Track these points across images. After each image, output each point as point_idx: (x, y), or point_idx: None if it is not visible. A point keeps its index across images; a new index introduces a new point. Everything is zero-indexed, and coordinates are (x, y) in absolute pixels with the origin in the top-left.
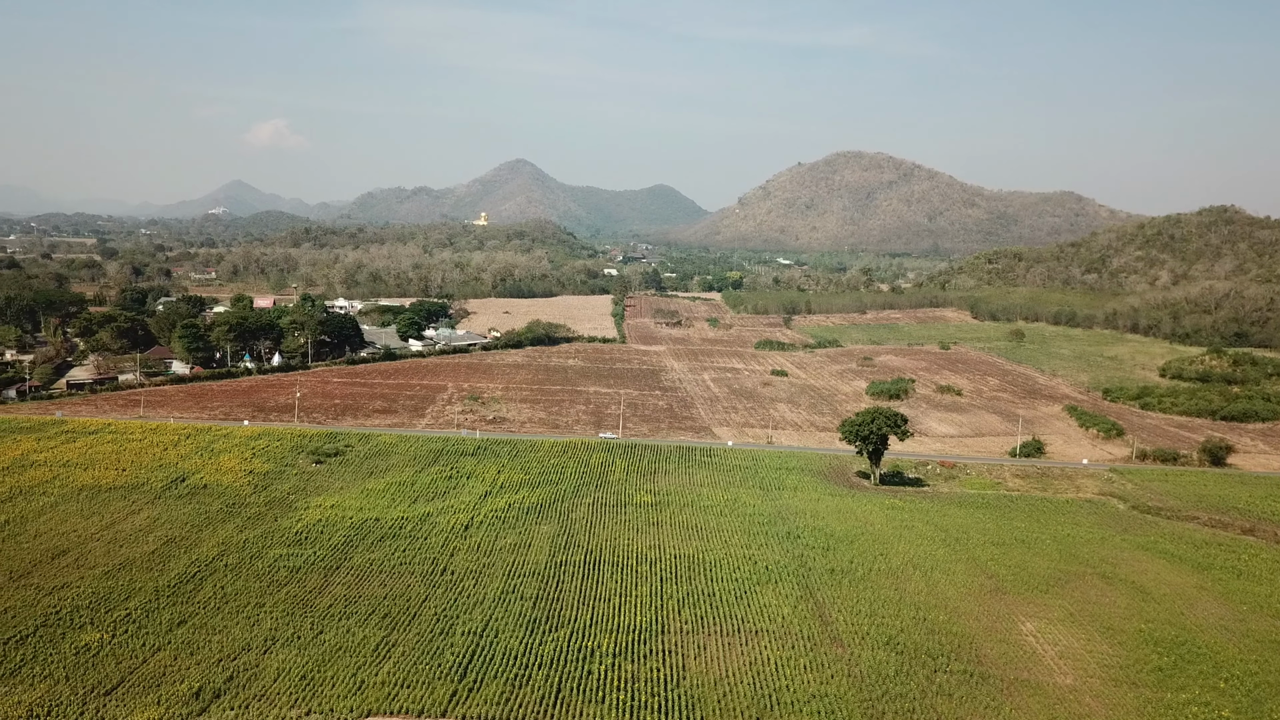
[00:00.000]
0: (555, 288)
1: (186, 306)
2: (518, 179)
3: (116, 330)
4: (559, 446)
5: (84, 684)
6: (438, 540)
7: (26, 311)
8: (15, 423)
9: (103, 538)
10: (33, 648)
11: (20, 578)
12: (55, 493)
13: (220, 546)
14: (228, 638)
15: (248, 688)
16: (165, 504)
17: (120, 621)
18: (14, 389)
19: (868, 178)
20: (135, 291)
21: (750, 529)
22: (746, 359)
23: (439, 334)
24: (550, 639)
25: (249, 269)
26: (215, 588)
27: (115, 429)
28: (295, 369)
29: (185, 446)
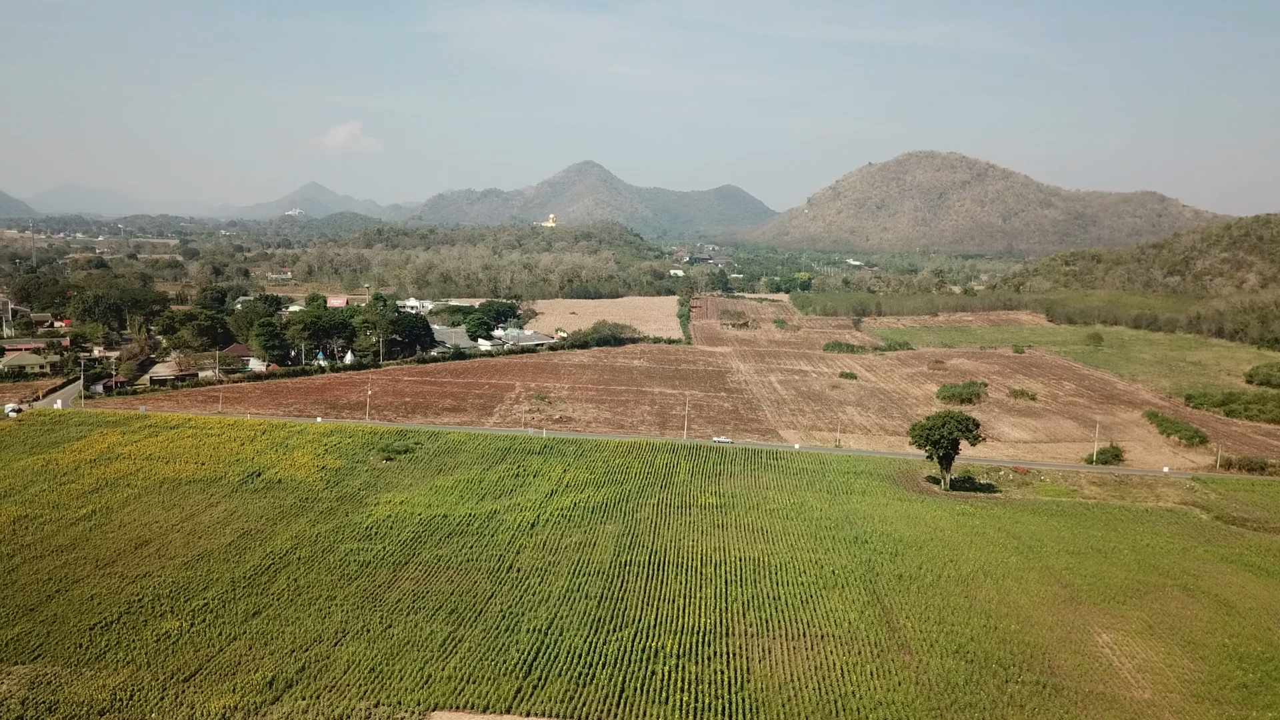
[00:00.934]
0: (621, 289)
1: (263, 305)
2: (586, 181)
3: (197, 328)
4: (624, 447)
5: (164, 670)
6: (504, 537)
7: (113, 309)
8: (102, 417)
9: (182, 529)
10: (116, 634)
11: (106, 566)
12: (139, 485)
13: (293, 540)
14: (300, 629)
15: (319, 678)
16: (242, 498)
17: (198, 611)
18: (101, 384)
19: (940, 178)
20: (215, 291)
21: (817, 533)
22: (814, 361)
23: (507, 334)
24: (614, 638)
25: (323, 269)
26: (289, 580)
27: (195, 424)
28: (367, 367)
29: (261, 442)
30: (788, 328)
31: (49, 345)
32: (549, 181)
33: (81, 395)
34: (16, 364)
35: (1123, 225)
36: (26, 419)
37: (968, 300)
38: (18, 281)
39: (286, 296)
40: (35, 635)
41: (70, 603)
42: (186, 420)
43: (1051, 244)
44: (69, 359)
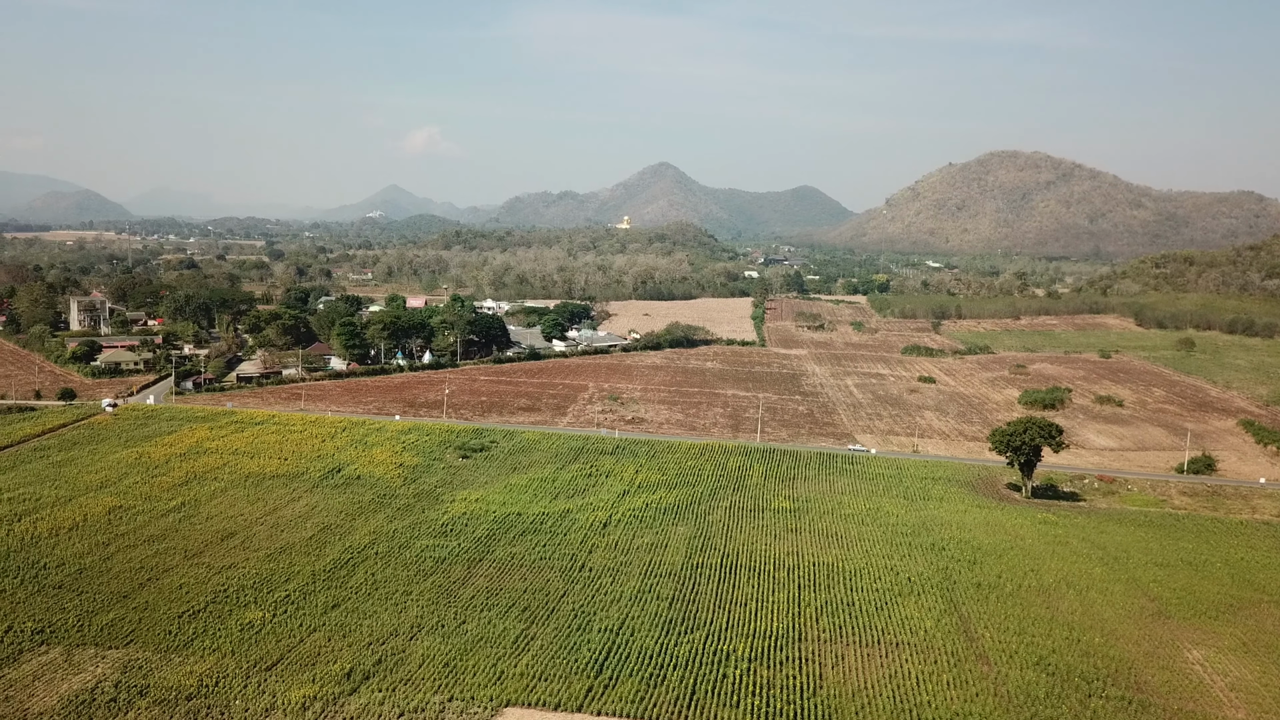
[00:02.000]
0: (695, 290)
1: (345, 305)
2: (660, 182)
3: (281, 327)
4: (696, 448)
5: (247, 659)
6: (577, 537)
7: (203, 309)
8: (191, 412)
9: (266, 522)
10: (203, 622)
11: (193, 556)
12: (225, 479)
13: (372, 535)
14: (377, 623)
15: (394, 671)
16: (322, 493)
17: (280, 602)
18: (191, 381)
19: (1023, 178)
20: (299, 291)
21: (892, 539)
22: (892, 364)
23: (581, 335)
24: (685, 640)
25: (403, 270)
26: (366, 574)
27: (279, 420)
28: (444, 367)
29: (341, 439)
30: (865, 330)
31: (143, 343)
32: (624, 183)
33: (172, 391)
34: (113, 361)
35: (1217, 226)
36: (122, 413)
37: (1052, 303)
38: (114, 281)
39: (367, 297)
40: (128, 621)
41: (160, 591)
42: (271, 417)
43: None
44: (161, 356)
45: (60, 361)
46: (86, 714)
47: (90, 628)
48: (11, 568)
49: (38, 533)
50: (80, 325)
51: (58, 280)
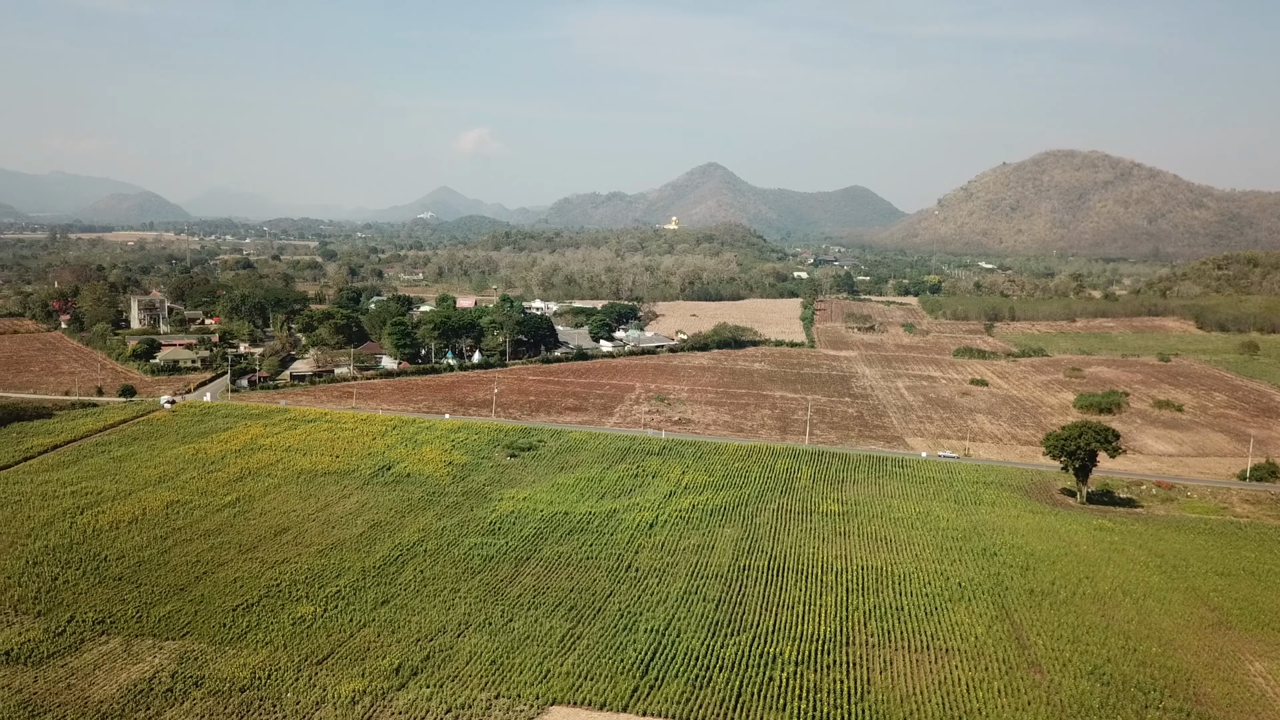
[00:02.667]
0: (743, 291)
1: (396, 305)
2: (709, 183)
3: (334, 326)
4: (743, 450)
5: (299, 652)
6: (623, 537)
7: (258, 308)
8: (246, 410)
9: (318, 519)
10: (256, 616)
11: (247, 551)
12: (278, 475)
13: (421, 533)
14: (425, 619)
15: (442, 667)
16: (373, 490)
17: (331, 597)
18: (246, 379)
19: (1080, 177)
20: (351, 290)
21: (943, 543)
22: (944, 367)
23: (628, 335)
24: (732, 642)
25: (453, 271)
26: (415, 571)
27: (331, 418)
28: (494, 366)
29: (391, 437)
30: (916, 332)
31: (200, 341)
32: (672, 184)
33: (228, 389)
34: (171, 359)
35: None
36: (179, 410)
37: (1108, 305)
38: (173, 281)
39: (418, 297)
40: (184, 613)
41: (215, 584)
42: (323, 414)
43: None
44: (217, 354)
45: (121, 359)
46: (144, 703)
47: (148, 619)
48: (74, 559)
49: (99, 526)
50: (140, 324)
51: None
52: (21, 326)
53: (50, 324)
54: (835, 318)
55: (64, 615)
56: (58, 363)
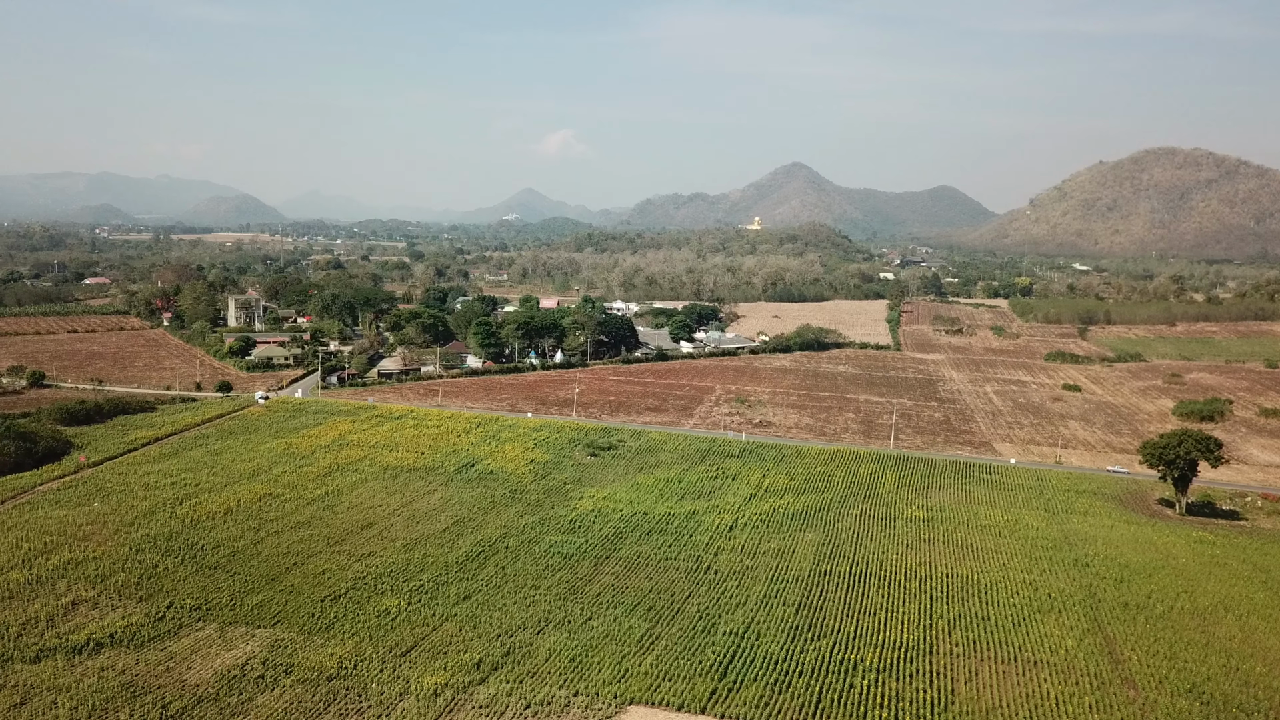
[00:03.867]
0: (827, 292)
1: (481, 305)
2: (793, 183)
3: (420, 326)
4: (826, 454)
5: (384, 644)
6: (702, 539)
7: (348, 307)
8: (336, 406)
9: (403, 514)
10: (343, 607)
11: (335, 544)
12: (365, 470)
13: (502, 529)
14: (506, 615)
15: (522, 664)
16: (456, 486)
17: (415, 591)
18: (336, 376)
19: (1181, 176)
20: (437, 291)
21: (1032, 553)
22: (1034, 371)
23: (709, 336)
24: (812, 647)
25: (536, 271)
26: (497, 567)
27: (416, 415)
28: (575, 366)
29: (475, 434)
30: (1006, 335)
31: (292, 339)
32: (755, 184)
33: (319, 386)
34: (265, 356)
35: None
36: (272, 406)
37: (1211, 309)
38: (268, 281)
39: (502, 297)
40: (275, 603)
41: (305, 576)
42: (409, 412)
43: None
44: (309, 352)
45: (218, 355)
46: (237, 688)
47: (242, 607)
48: (174, 548)
49: (196, 516)
50: (237, 321)
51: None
52: (127, 324)
53: (153, 321)
54: (922, 320)
55: (164, 601)
56: (160, 359)
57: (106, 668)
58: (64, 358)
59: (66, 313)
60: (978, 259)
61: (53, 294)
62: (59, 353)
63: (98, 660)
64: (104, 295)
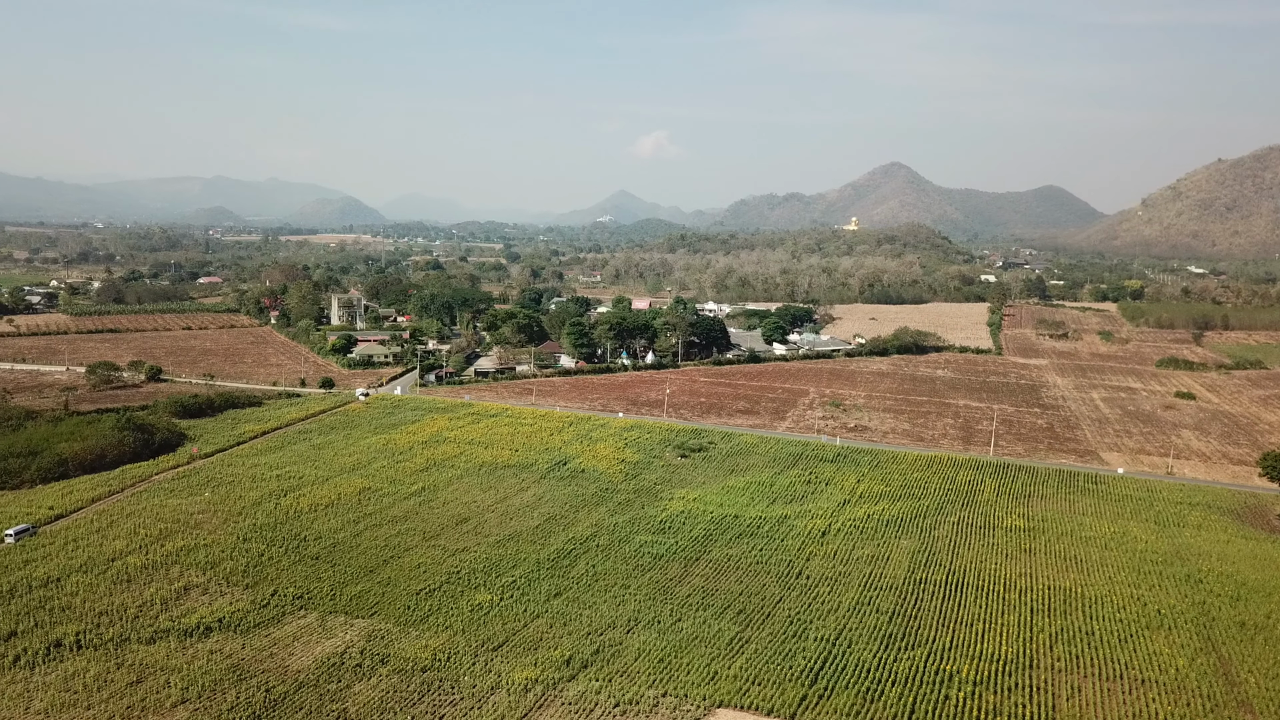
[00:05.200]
0: (926, 294)
1: (574, 306)
2: (891, 183)
3: (516, 326)
4: (923, 460)
5: (476, 638)
6: (794, 543)
7: (446, 307)
8: (434, 403)
9: (496, 510)
10: (438, 600)
11: (431, 538)
12: (461, 466)
13: (593, 528)
14: (596, 613)
15: (611, 662)
16: (549, 484)
17: (507, 586)
18: (434, 374)
19: None
20: (532, 291)
21: (1140, 567)
22: (1145, 378)
23: (803, 338)
24: (906, 656)
25: (629, 273)
26: (587, 565)
27: (511, 414)
28: (666, 367)
29: (568, 433)
30: (1114, 340)
31: (392, 337)
32: (852, 184)
33: (417, 383)
34: (366, 354)
35: None
36: (373, 402)
37: None
38: (369, 281)
39: (595, 298)
40: (373, 594)
41: (401, 568)
42: (504, 410)
43: None
44: (408, 350)
45: (321, 353)
46: (336, 675)
47: (341, 597)
48: (278, 538)
49: (299, 508)
50: (339, 320)
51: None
52: (237, 321)
53: (262, 319)
54: (1025, 324)
55: (268, 589)
56: (267, 355)
57: (215, 651)
58: (179, 353)
59: (182, 310)
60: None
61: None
62: (174, 348)
63: (207, 643)
64: (216, 294)
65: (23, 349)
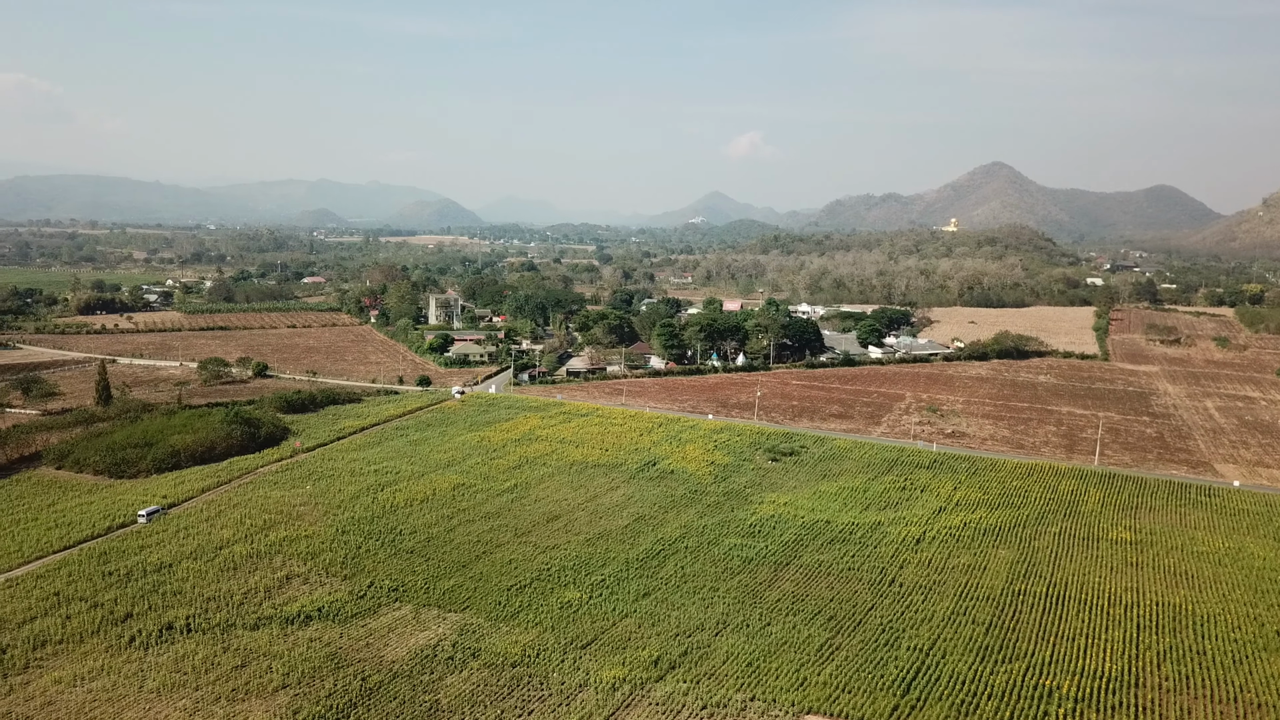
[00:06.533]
0: (1028, 297)
1: (665, 308)
2: (993, 183)
3: (607, 327)
4: (1023, 468)
5: (565, 635)
6: (887, 550)
7: (539, 308)
8: (526, 402)
9: (586, 509)
10: (528, 597)
11: (522, 535)
12: (552, 464)
13: (682, 529)
14: (684, 615)
15: (699, 664)
16: (638, 484)
17: (596, 585)
18: (527, 373)
19: None
20: (624, 293)
21: (1258, 584)
22: (1265, 387)
23: (899, 342)
24: (1003, 670)
25: (720, 274)
26: (676, 567)
27: (601, 414)
28: (757, 369)
29: (657, 434)
30: (1231, 347)
31: (487, 337)
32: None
33: (511, 382)
34: (462, 353)
35: None
36: (467, 400)
37: None
38: (466, 281)
39: (686, 299)
40: (465, 589)
41: (493, 564)
42: (594, 409)
43: None
44: (502, 350)
45: (419, 351)
46: (429, 667)
47: (435, 591)
48: (375, 531)
49: (396, 502)
50: (436, 319)
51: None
52: (339, 320)
53: (362, 318)
54: (1133, 329)
55: (365, 581)
56: (366, 353)
57: (314, 639)
58: (284, 350)
59: (287, 309)
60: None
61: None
62: (280, 345)
63: (307, 631)
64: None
65: (140, 345)
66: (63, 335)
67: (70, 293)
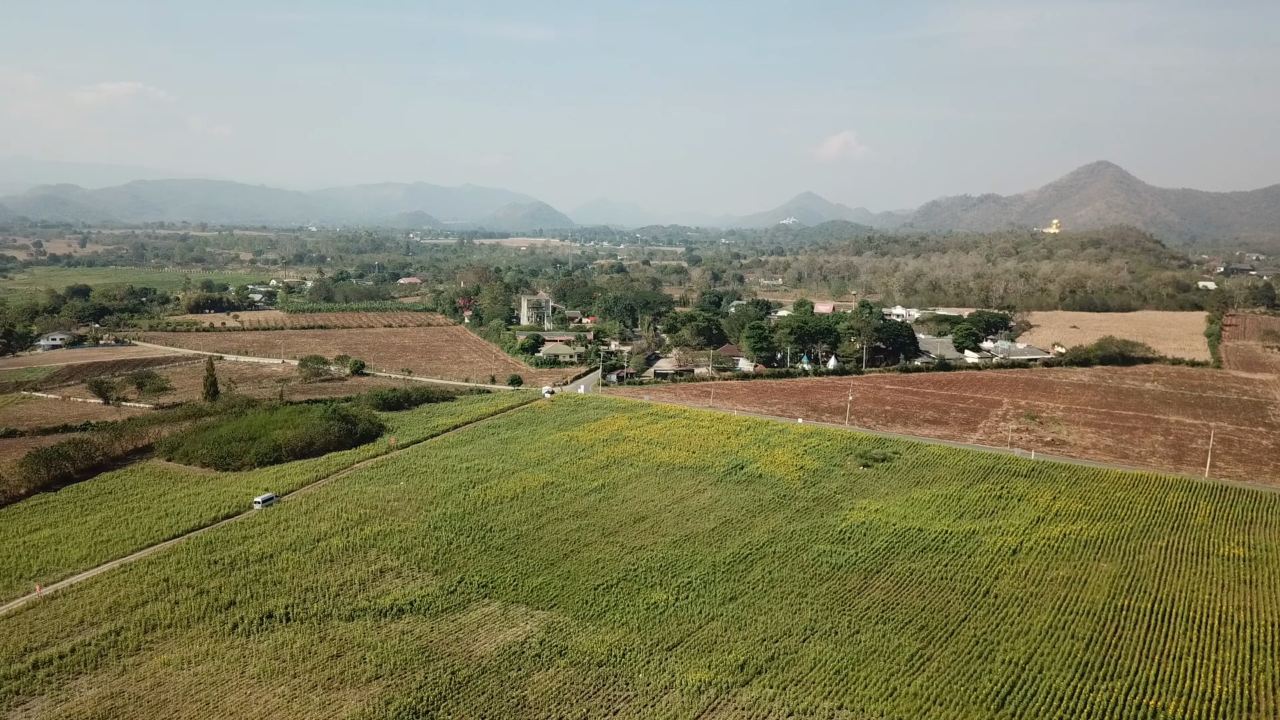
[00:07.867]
0: (1134, 301)
1: (754, 310)
2: (1097, 182)
3: (695, 328)
4: (1127, 479)
5: (651, 636)
6: (982, 560)
7: (628, 309)
8: (615, 403)
9: (673, 510)
10: (615, 597)
11: (609, 535)
12: (639, 465)
13: (770, 534)
14: (771, 620)
15: (786, 670)
16: (725, 487)
17: (683, 587)
18: (615, 374)
19: None
20: (712, 294)
21: None
22: None
23: (997, 346)
24: (1103, 688)
25: (812, 276)
26: (763, 571)
27: (689, 415)
28: (849, 373)
29: (745, 437)
30: None
31: (577, 338)
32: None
33: (599, 383)
34: (552, 353)
35: None
36: (557, 400)
37: None
38: (557, 283)
39: (776, 301)
40: (553, 587)
41: (580, 563)
42: (682, 411)
43: None
44: (591, 350)
45: (511, 351)
46: (516, 664)
47: (523, 588)
48: (466, 528)
49: (486, 500)
50: (528, 320)
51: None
52: (434, 320)
53: (456, 318)
54: (1249, 335)
55: (456, 576)
56: (460, 353)
57: (406, 632)
58: (380, 349)
59: (384, 309)
60: None
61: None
62: (376, 344)
63: (399, 624)
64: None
65: (245, 343)
66: (174, 333)
67: (181, 292)
